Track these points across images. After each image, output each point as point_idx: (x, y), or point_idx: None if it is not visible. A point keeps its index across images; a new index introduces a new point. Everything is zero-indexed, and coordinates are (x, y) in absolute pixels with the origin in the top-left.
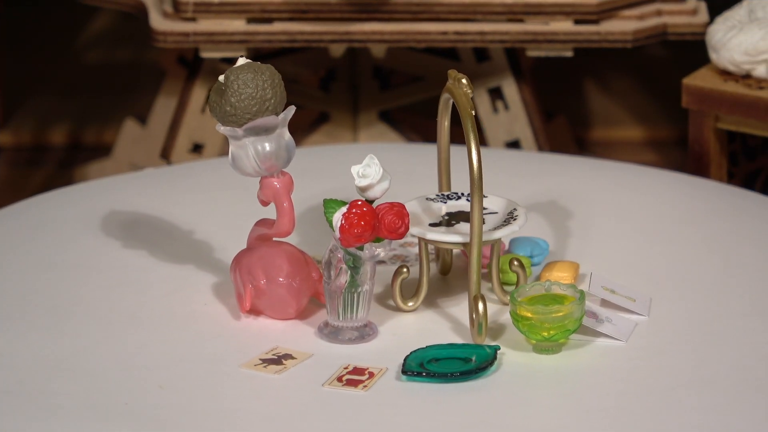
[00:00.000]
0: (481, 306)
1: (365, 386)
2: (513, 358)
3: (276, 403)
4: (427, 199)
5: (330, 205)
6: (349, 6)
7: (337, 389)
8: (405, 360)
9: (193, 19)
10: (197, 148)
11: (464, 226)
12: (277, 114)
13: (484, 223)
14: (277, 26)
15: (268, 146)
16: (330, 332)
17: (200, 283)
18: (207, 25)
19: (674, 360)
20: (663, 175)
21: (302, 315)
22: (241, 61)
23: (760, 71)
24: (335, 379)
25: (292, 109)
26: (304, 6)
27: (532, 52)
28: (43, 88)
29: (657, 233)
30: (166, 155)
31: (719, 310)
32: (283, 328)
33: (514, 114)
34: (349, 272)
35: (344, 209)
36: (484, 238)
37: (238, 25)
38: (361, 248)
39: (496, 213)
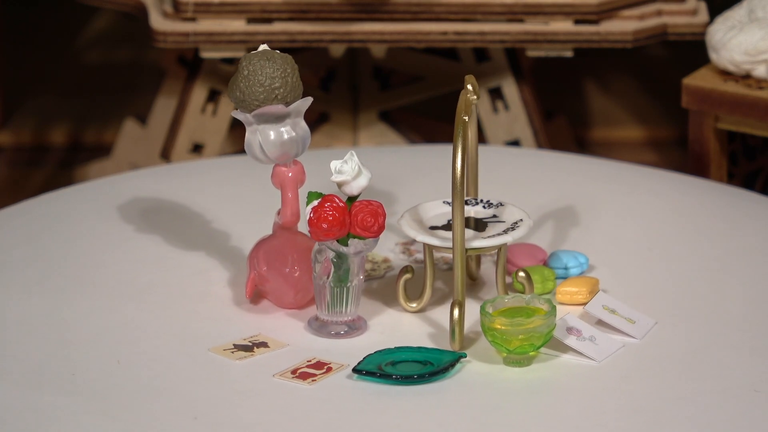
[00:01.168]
0: (456, 312)
1: (314, 380)
2: (480, 368)
3: (217, 387)
4: (444, 202)
5: (311, 197)
6: (349, 6)
7: (286, 381)
8: (363, 359)
9: (193, 19)
10: (197, 148)
11: (467, 233)
12: (287, 104)
13: (481, 230)
14: (277, 26)
15: (272, 134)
16: (319, 326)
17: (202, 284)
18: (207, 25)
19: (652, 381)
20: (663, 175)
21: (307, 306)
22: (261, 47)
23: (760, 71)
24: (289, 371)
25: (307, 101)
26: (304, 6)
27: (532, 52)
28: (43, 88)
29: (657, 233)
30: (166, 155)
31: (717, 315)
32: (279, 317)
33: (514, 114)
34: (333, 267)
35: (316, 202)
36: (466, 245)
37: (238, 25)
38: (345, 243)
39: (503, 222)
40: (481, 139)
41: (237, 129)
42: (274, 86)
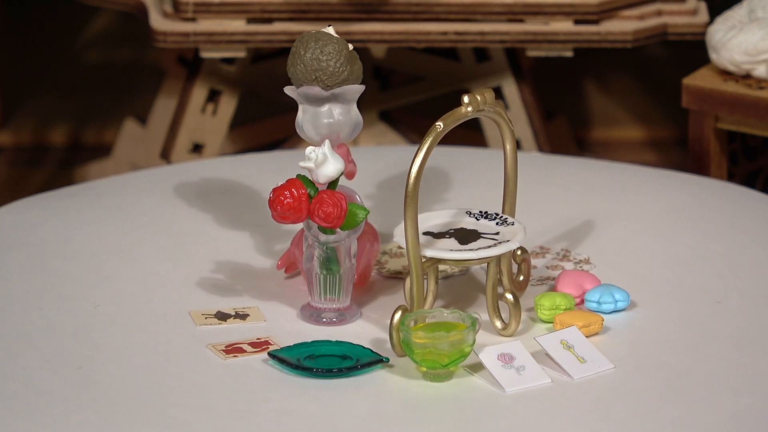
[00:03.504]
0: (397, 316)
1: (235, 356)
2: (396, 379)
3: (148, 352)
4: (467, 212)
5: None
6: (349, 6)
7: (209, 350)
8: (293, 345)
9: (193, 19)
10: (197, 148)
11: (446, 242)
12: (328, 87)
13: (464, 242)
14: (277, 26)
15: (312, 115)
16: (310, 313)
17: (202, 284)
18: (207, 25)
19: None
20: (663, 175)
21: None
22: (327, 29)
23: (760, 71)
24: (226, 344)
25: (354, 88)
26: (304, 6)
27: (532, 52)
28: (43, 88)
29: (657, 233)
30: (166, 155)
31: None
32: (284, 297)
33: (514, 114)
34: (319, 253)
35: (283, 184)
36: (433, 255)
37: (238, 25)
38: (327, 231)
39: (493, 239)
40: (481, 140)
41: (237, 129)
42: (314, 68)
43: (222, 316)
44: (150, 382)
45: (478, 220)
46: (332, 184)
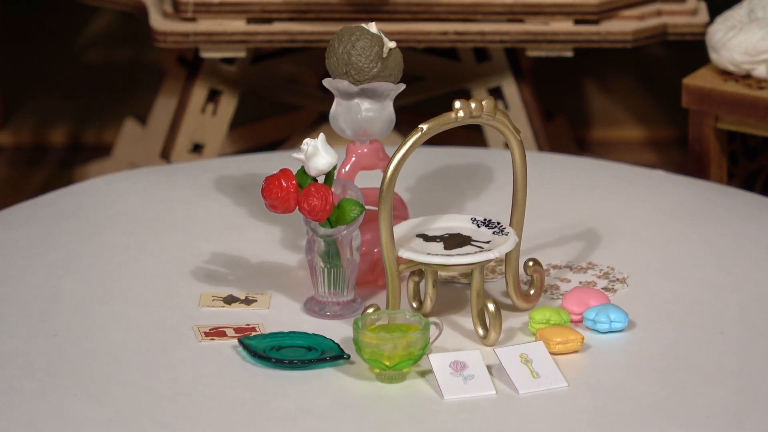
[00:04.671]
0: (371, 311)
1: (212, 339)
2: (346, 377)
3: (132, 327)
4: (472, 219)
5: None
6: (349, 6)
7: (194, 334)
8: (263, 335)
9: (193, 19)
10: (197, 148)
11: (431, 246)
12: (357, 82)
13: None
14: (277, 26)
15: (342, 108)
16: (313, 306)
17: (203, 283)
18: (207, 25)
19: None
20: (663, 176)
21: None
22: (368, 25)
23: (760, 71)
24: (211, 326)
25: (382, 85)
26: (304, 6)
27: (532, 52)
28: (43, 88)
29: (656, 233)
30: (166, 155)
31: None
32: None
33: (514, 114)
34: (321, 248)
35: (275, 173)
36: (408, 256)
37: (238, 25)
38: (324, 225)
39: (485, 243)
40: (481, 140)
41: (237, 129)
42: (344, 61)
43: (230, 300)
44: (115, 355)
45: (478, 227)
46: (328, 177)
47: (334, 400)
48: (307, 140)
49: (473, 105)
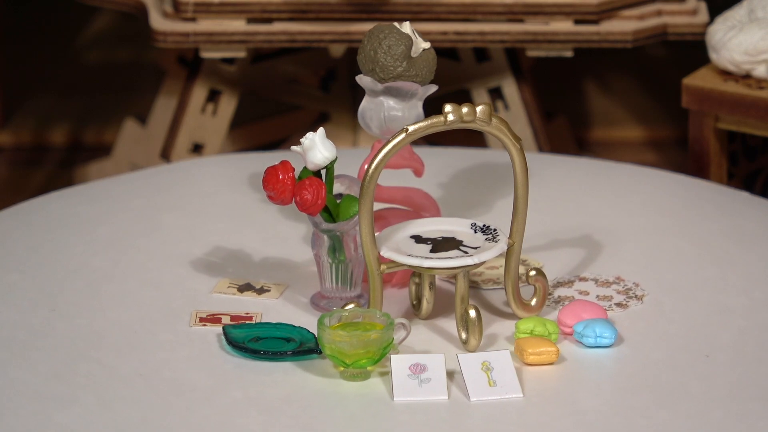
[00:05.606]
0: (351, 307)
1: (203, 325)
2: (306, 374)
3: (130, 309)
4: (472, 224)
5: (304, 173)
6: (349, 6)
7: (188, 317)
8: (249, 324)
9: (193, 19)
10: (197, 148)
11: (417, 248)
12: (381, 80)
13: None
14: (277, 26)
15: (362, 104)
16: (318, 301)
17: (204, 283)
18: (207, 25)
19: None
20: (663, 176)
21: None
22: (402, 24)
23: (760, 71)
24: (209, 313)
25: (406, 85)
26: (304, 6)
27: (532, 52)
28: (43, 88)
29: (656, 234)
30: (166, 155)
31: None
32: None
33: (514, 114)
34: (326, 243)
35: (275, 165)
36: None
37: (238, 25)
38: (327, 219)
39: (473, 249)
40: (481, 140)
41: (237, 129)
42: (370, 58)
43: (244, 288)
44: (100, 333)
45: (475, 232)
46: (328, 172)
47: (283, 394)
48: (308, 134)
49: (465, 109)
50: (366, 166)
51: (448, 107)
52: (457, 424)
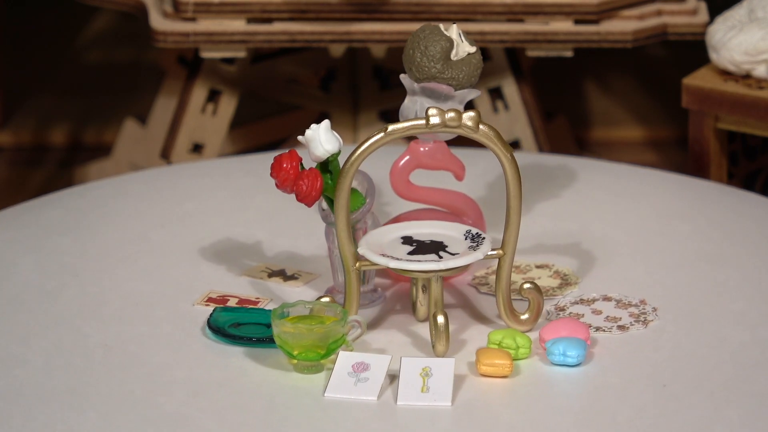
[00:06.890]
0: (327, 299)
1: (207, 305)
2: (258, 365)
3: (169, 287)
4: (466, 231)
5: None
6: (349, 6)
7: (196, 297)
8: (236, 308)
9: (193, 19)
10: (197, 148)
11: (398, 249)
12: (417, 80)
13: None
14: (277, 26)
15: (404, 102)
16: (332, 294)
17: (204, 283)
18: (207, 25)
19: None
20: (663, 176)
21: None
22: (447, 27)
23: (760, 71)
24: (220, 294)
25: (440, 86)
26: (304, 6)
27: (532, 52)
28: (43, 88)
29: (656, 234)
30: (166, 155)
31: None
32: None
33: (514, 114)
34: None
35: (284, 154)
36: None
37: (238, 25)
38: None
39: (452, 255)
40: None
41: (237, 129)
42: (408, 57)
43: (275, 274)
44: (104, 333)
45: (465, 239)
46: (332, 165)
47: (218, 379)
48: (312, 125)
49: (450, 114)
50: (344, 165)
51: (432, 110)
52: (366, 424)
